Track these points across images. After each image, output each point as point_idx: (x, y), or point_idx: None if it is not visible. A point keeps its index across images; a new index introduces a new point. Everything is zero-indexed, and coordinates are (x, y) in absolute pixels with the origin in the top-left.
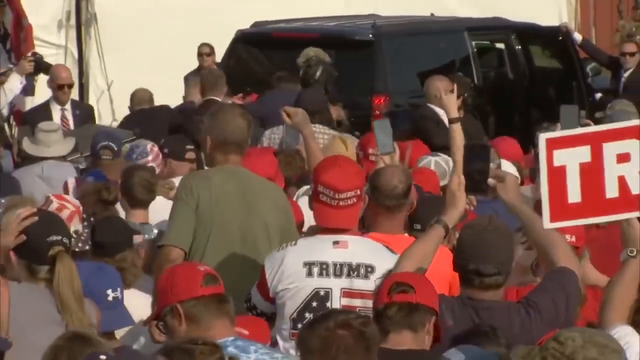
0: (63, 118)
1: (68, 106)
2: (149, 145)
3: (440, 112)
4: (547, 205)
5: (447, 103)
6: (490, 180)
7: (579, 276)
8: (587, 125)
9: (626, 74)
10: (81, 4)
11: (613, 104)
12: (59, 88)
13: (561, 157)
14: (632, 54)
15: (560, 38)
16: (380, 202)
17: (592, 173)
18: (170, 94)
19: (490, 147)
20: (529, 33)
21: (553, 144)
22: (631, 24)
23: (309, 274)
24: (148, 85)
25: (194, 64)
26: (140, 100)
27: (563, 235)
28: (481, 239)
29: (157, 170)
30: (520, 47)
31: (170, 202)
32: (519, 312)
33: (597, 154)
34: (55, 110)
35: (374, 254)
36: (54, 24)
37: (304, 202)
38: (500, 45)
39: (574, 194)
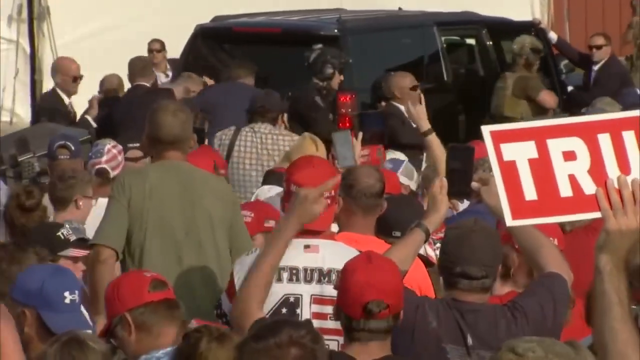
0: (72, 109)
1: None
2: (108, 145)
3: (404, 109)
4: (507, 203)
5: (417, 116)
6: (474, 184)
7: (568, 280)
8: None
9: (596, 67)
10: None
11: (594, 101)
12: (73, 80)
13: (509, 151)
14: (599, 47)
15: (533, 33)
16: (356, 201)
17: (542, 170)
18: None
19: (473, 149)
20: (500, 28)
21: (499, 137)
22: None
23: (279, 279)
24: None
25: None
26: (110, 86)
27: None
28: (467, 240)
29: (114, 172)
30: (491, 42)
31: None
32: (505, 314)
33: (543, 150)
34: (66, 102)
35: (346, 259)
36: (4, 18)
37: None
38: (471, 41)
39: (529, 191)
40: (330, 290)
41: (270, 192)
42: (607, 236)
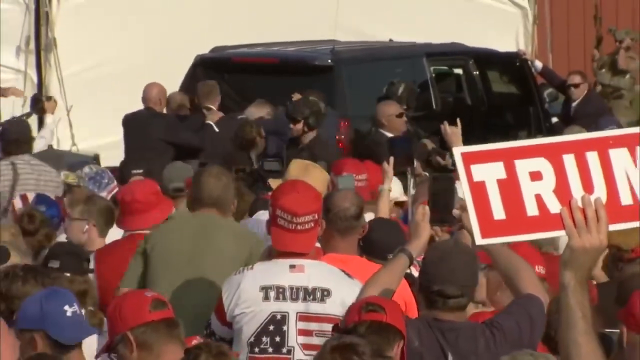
0: None
1: None
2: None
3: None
4: (476, 222)
5: (451, 136)
6: (455, 211)
7: (544, 302)
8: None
9: (574, 104)
10: (41, 28)
11: (566, 130)
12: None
13: (479, 172)
14: (577, 85)
15: (518, 64)
16: (333, 223)
17: (510, 190)
18: None
19: (454, 178)
20: (486, 59)
21: (469, 159)
22: (607, 55)
23: (266, 297)
24: (107, 111)
25: None
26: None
27: (531, 265)
28: (446, 260)
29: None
30: (478, 72)
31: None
32: (483, 333)
33: (511, 171)
34: None
35: (330, 278)
36: (13, 49)
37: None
38: (459, 71)
39: (498, 211)
40: (315, 308)
41: (265, 216)
42: (571, 253)
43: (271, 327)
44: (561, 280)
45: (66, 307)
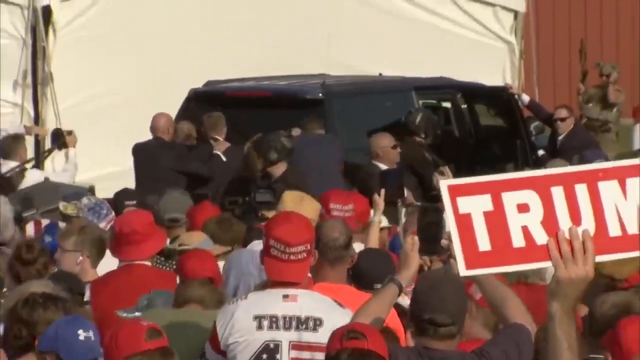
0: None
1: None
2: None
3: (384, 168)
4: (461, 253)
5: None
6: (444, 241)
7: (532, 331)
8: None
9: (560, 137)
10: (37, 63)
11: (548, 164)
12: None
13: (465, 204)
14: (564, 119)
15: (505, 97)
16: (322, 253)
17: (496, 222)
18: (129, 152)
19: (443, 209)
20: (474, 92)
21: (455, 191)
22: (593, 90)
23: (259, 327)
24: (103, 143)
25: (148, 122)
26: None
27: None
28: (436, 289)
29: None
30: (465, 106)
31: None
32: None
33: (498, 203)
34: None
35: (323, 308)
36: (10, 83)
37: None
38: (447, 104)
39: (483, 242)
40: (307, 337)
41: (259, 246)
42: (557, 284)
43: (264, 356)
44: (548, 310)
45: (80, 332)
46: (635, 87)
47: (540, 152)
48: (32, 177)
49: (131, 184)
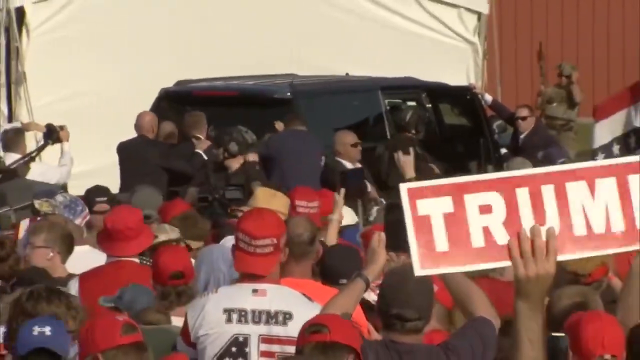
0: None
1: None
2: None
3: (347, 164)
4: (416, 253)
5: (403, 164)
6: None
7: (496, 325)
8: None
9: (522, 136)
10: (11, 63)
11: (510, 162)
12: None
13: (424, 206)
14: (525, 118)
15: (469, 97)
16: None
17: (456, 223)
18: (104, 150)
19: None
20: (438, 92)
21: (415, 194)
22: (552, 89)
23: (229, 320)
24: (75, 142)
25: (122, 122)
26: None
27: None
28: (403, 285)
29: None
30: (430, 105)
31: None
32: (438, 355)
33: (459, 205)
34: None
35: (292, 302)
36: None
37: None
38: (412, 104)
39: (441, 243)
40: (277, 331)
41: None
42: (517, 283)
43: (234, 349)
44: (514, 307)
45: (35, 327)
46: (594, 87)
47: (503, 151)
48: (36, 170)
49: (101, 181)
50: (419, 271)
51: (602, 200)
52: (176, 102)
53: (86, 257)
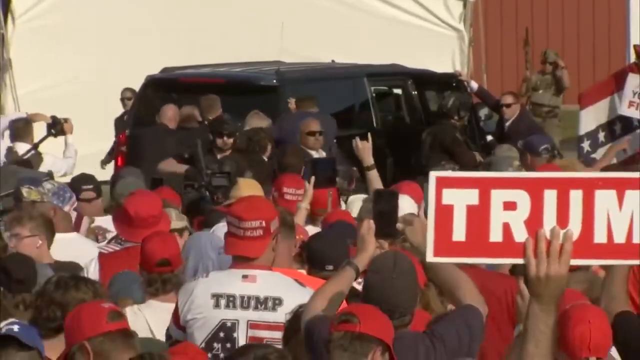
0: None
1: None
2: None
3: (313, 153)
4: (432, 240)
5: (362, 151)
6: (399, 224)
7: (483, 313)
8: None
9: (507, 123)
10: None
11: (496, 149)
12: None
13: (449, 196)
14: (509, 105)
15: (455, 84)
16: None
17: (478, 215)
18: (90, 138)
19: (398, 192)
20: (424, 79)
21: (443, 183)
22: (537, 76)
23: (217, 305)
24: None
25: (108, 109)
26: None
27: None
28: (388, 286)
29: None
30: (416, 92)
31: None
32: (424, 341)
33: (484, 199)
34: None
35: (283, 287)
36: None
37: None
38: (398, 91)
39: (459, 233)
40: (266, 317)
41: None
42: (530, 282)
43: (222, 334)
44: (528, 306)
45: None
46: (579, 74)
47: (489, 138)
48: (48, 161)
49: (86, 169)
50: (431, 258)
51: (628, 211)
52: (162, 89)
53: (73, 245)
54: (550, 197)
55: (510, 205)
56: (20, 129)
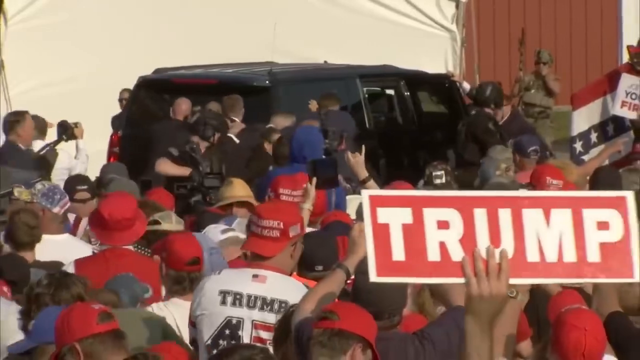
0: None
1: None
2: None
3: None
4: (373, 260)
5: (355, 165)
6: None
7: None
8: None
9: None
10: None
11: (490, 151)
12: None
13: (384, 215)
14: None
15: (447, 85)
16: None
17: (414, 234)
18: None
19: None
20: (417, 80)
21: (376, 202)
22: (530, 77)
23: (223, 302)
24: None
25: (100, 110)
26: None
27: None
28: (375, 285)
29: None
30: (408, 93)
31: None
32: (413, 343)
33: (418, 217)
34: None
35: (291, 291)
36: None
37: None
38: (390, 92)
39: (398, 252)
40: (271, 319)
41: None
42: (469, 301)
43: (227, 331)
44: (465, 324)
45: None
46: (572, 75)
47: None
48: (63, 157)
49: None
50: (374, 278)
51: (556, 230)
52: (155, 90)
53: (65, 246)
54: (480, 215)
55: (443, 224)
56: (10, 122)
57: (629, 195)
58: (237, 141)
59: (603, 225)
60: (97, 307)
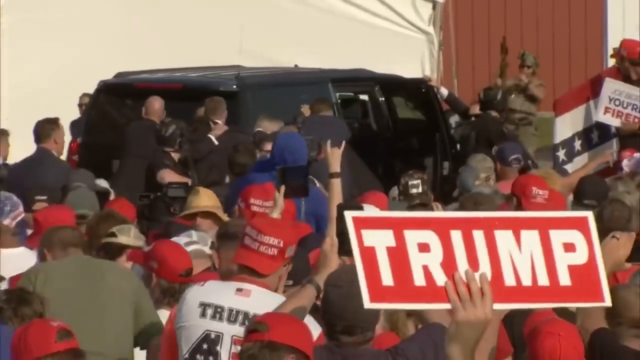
0: None
1: None
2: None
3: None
4: (365, 286)
5: (331, 157)
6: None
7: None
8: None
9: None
10: None
11: (469, 159)
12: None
13: (369, 237)
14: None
15: (424, 90)
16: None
17: (398, 258)
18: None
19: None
20: (392, 85)
21: (360, 224)
22: (511, 80)
23: (203, 314)
24: (15, 135)
25: (58, 115)
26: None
27: None
28: (348, 301)
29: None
30: (383, 98)
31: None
32: (386, 359)
33: (400, 240)
34: None
35: (274, 307)
36: None
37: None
38: (364, 97)
39: (386, 277)
40: None
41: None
42: (456, 327)
43: (205, 346)
44: (446, 352)
45: None
46: (554, 80)
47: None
48: None
49: None
50: (368, 304)
51: (527, 252)
52: (115, 94)
53: (20, 259)
54: (456, 237)
55: (424, 247)
56: (43, 129)
57: (590, 216)
58: (216, 142)
59: (569, 247)
60: (56, 325)
